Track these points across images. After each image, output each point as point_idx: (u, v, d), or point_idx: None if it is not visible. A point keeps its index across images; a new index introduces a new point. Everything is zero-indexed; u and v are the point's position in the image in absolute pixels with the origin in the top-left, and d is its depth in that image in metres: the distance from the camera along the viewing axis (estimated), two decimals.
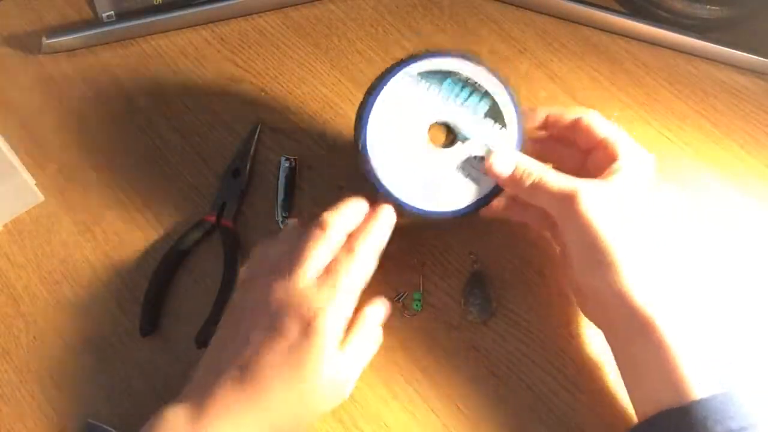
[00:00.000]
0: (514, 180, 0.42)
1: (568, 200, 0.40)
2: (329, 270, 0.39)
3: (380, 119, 0.43)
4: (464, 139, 0.44)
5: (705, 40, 0.61)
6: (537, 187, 0.41)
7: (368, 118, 0.43)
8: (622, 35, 0.63)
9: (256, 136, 0.54)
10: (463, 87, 0.44)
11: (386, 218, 0.43)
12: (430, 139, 0.45)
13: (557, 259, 0.48)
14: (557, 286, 0.49)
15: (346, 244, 0.41)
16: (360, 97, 0.59)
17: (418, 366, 0.45)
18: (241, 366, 0.37)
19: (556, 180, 0.41)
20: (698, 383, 0.37)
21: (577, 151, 0.46)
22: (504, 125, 0.44)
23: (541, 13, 0.64)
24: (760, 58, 0.60)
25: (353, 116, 0.56)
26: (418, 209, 0.44)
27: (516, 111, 0.44)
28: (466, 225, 0.51)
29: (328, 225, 0.40)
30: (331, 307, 0.38)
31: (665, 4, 0.63)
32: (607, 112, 0.58)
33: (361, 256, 0.40)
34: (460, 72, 0.44)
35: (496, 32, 0.62)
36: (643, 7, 0.64)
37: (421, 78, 0.44)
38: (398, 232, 0.50)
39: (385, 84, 0.43)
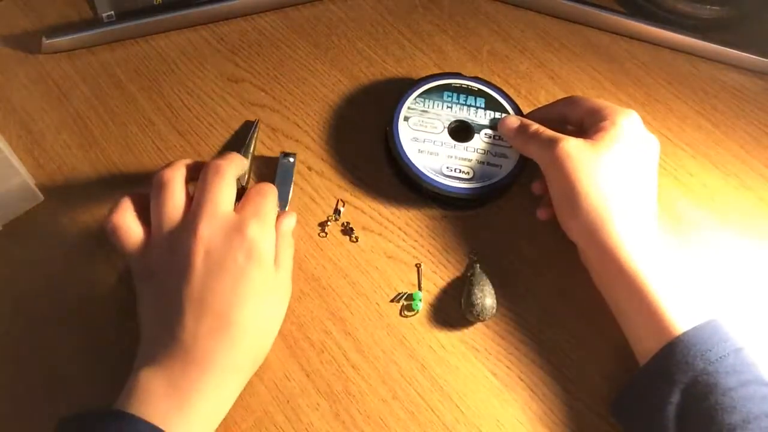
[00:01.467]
0: (519, 130, 0.49)
1: (551, 145, 0.45)
2: (247, 205, 0.42)
3: (407, 137, 0.52)
4: (479, 129, 0.53)
5: (705, 40, 0.61)
6: (533, 137, 0.47)
7: (399, 137, 0.52)
8: (622, 35, 0.63)
9: (256, 133, 0.54)
10: (459, 93, 0.54)
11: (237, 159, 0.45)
12: (453, 137, 0.53)
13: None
14: (557, 286, 0.49)
15: (253, 189, 0.43)
16: (359, 98, 0.59)
17: (418, 366, 0.45)
18: (204, 311, 0.38)
19: (548, 131, 0.47)
20: (678, 318, 0.39)
21: (571, 129, 0.50)
22: (504, 111, 0.54)
23: (541, 13, 0.64)
24: (760, 58, 0.60)
25: (353, 116, 0.56)
26: (463, 189, 0.50)
27: (505, 99, 0.54)
28: (466, 225, 0.51)
29: (221, 169, 0.42)
30: (262, 233, 0.41)
31: (665, 4, 0.63)
32: None
33: (265, 191, 0.43)
34: (451, 83, 0.55)
35: (496, 32, 0.63)
36: (643, 7, 0.64)
37: (424, 98, 0.54)
38: (399, 232, 0.50)
39: (398, 113, 0.53)
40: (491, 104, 0.54)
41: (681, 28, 0.61)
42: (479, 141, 0.52)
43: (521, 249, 0.50)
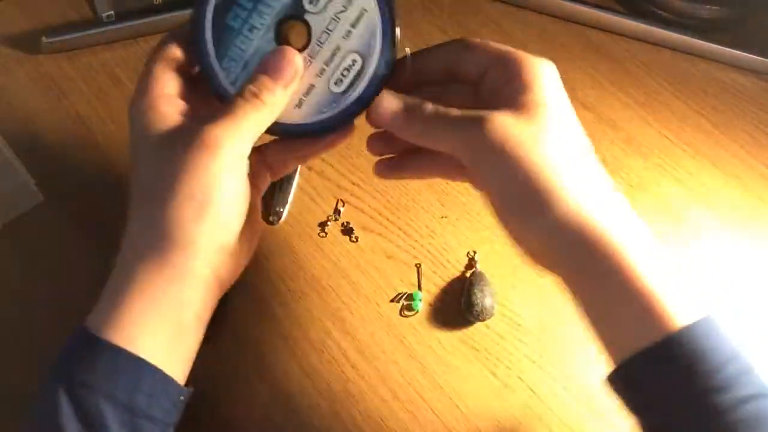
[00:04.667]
0: (409, 115, 0.34)
1: (478, 128, 0.32)
2: None
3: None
4: (321, 36, 0.35)
5: (705, 40, 0.61)
6: (438, 120, 0.34)
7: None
8: (622, 35, 0.63)
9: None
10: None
11: None
12: (290, 40, 0.36)
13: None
14: (557, 286, 0.48)
15: None
16: None
17: (418, 366, 0.45)
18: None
19: (456, 111, 0.33)
20: (679, 310, 0.31)
21: (463, 87, 0.37)
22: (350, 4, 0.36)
23: (542, 13, 0.64)
24: (760, 58, 0.60)
25: None
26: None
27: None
28: (466, 225, 0.51)
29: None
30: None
31: (665, 4, 0.63)
32: (607, 113, 0.58)
33: None
34: None
35: (497, 32, 0.62)
36: (643, 7, 0.64)
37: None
38: (399, 232, 0.50)
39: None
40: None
41: (681, 28, 0.61)
42: (322, 51, 0.35)
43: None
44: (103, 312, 0.34)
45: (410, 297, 0.47)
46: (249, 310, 0.46)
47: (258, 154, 0.36)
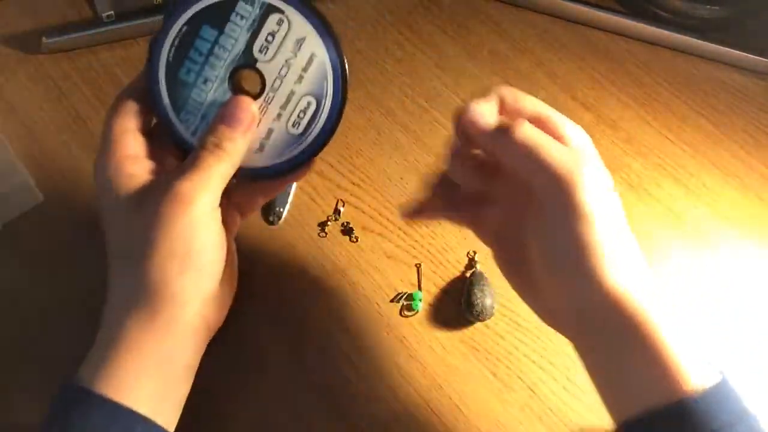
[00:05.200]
0: (501, 133, 0.34)
1: (564, 183, 0.32)
2: None
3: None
4: (274, 82, 0.37)
5: (705, 40, 0.61)
6: (536, 153, 0.33)
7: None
8: (622, 35, 0.63)
9: None
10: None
11: None
12: (245, 88, 0.37)
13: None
14: None
15: None
16: (359, 97, 0.58)
17: (418, 366, 0.45)
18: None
19: (554, 145, 0.33)
20: (693, 372, 0.32)
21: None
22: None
23: (541, 13, 0.64)
24: (760, 58, 0.60)
25: (353, 116, 0.56)
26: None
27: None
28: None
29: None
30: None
31: (665, 4, 0.63)
32: (607, 113, 0.58)
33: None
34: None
35: (496, 32, 0.63)
36: (643, 7, 0.64)
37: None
38: (399, 232, 0.50)
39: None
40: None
41: (681, 28, 0.62)
42: (277, 96, 0.37)
43: None
44: (96, 366, 0.34)
45: (410, 297, 0.48)
46: (249, 310, 0.46)
47: (226, 197, 0.37)
